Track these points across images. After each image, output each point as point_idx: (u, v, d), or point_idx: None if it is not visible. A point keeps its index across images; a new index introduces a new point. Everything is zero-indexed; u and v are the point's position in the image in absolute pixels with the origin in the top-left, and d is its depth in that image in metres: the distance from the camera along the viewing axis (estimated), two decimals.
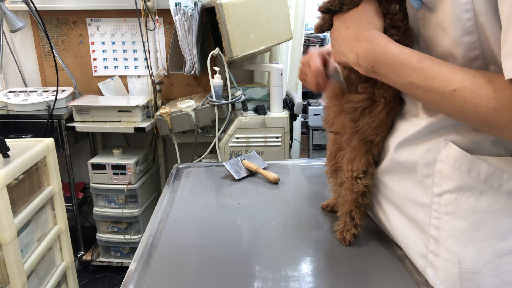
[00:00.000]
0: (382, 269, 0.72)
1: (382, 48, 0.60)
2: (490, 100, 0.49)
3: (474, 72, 0.52)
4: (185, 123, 1.88)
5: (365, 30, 0.63)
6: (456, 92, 0.52)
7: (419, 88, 0.56)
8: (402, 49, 0.59)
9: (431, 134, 0.64)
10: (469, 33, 0.53)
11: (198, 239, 0.84)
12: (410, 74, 0.57)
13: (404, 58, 0.58)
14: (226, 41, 1.70)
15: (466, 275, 0.59)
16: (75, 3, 2.15)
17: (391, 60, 0.59)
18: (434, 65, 0.55)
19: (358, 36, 0.63)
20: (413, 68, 0.57)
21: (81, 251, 2.24)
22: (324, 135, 2.50)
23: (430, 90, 0.55)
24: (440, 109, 0.56)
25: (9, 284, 1.21)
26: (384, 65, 0.60)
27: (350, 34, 0.64)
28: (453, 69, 0.54)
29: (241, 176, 1.14)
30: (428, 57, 0.57)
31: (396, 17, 0.63)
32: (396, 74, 0.58)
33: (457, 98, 0.52)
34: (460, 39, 0.54)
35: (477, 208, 0.58)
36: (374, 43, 0.61)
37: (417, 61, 0.57)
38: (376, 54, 0.60)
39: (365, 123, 0.72)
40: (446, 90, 0.53)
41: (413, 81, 0.57)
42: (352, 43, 0.64)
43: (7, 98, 2.05)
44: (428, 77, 0.55)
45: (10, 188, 1.21)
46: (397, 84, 0.60)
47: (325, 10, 0.69)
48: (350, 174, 0.76)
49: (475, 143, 0.59)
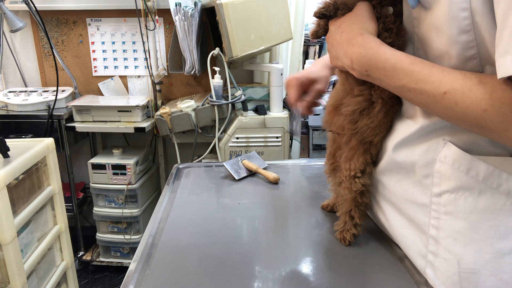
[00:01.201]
0: (382, 269, 0.73)
1: (374, 52, 0.61)
2: (480, 101, 0.49)
3: (464, 74, 0.52)
4: (185, 123, 1.88)
5: (358, 35, 0.64)
6: (446, 95, 0.52)
7: (411, 91, 0.57)
8: (394, 52, 0.60)
9: (429, 134, 0.64)
10: (465, 32, 0.53)
11: (198, 239, 0.84)
12: (402, 78, 0.57)
13: (396, 62, 0.58)
14: (226, 41, 1.70)
15: (465, 275, 0.59)
16: (75, 3, 2.15)
17: (383, 64, 0.59)
18: (425, 68, 0.56)
19: (352, 40, 0.64)
20: (404, 71, 0.57)
21: (81, 251, 2.24)
22: (324, 135, 2.50)
23: (421, 93, 0.55)
24: (433, 111, 0.57)
25: (9, 284, 1.21)
26: (377, 69, 0.60)
27: (345, 39, 0.65)
28: (443, 72, 0.54)
29: (241, 176, 1.14)
30: (420, 60, 0.57)
31: (387, 19, 0.64)
32: (389, 77, 0.59)
33: (448, 100, 0.52)
34: (456, 38, 0.54)
35: (476, 208, 0.58)
36: (367, 47, 0.62)
37: (408, 65, 0.57)
38: (369, 58, 0.61)
39: (364, 124, 0.72)
40: (437, 93, 0.53)
41: (405, 84, 0.57)
42: (346, 48, 0.65)
43: (7, 98, 2.05)
44: (419, 80, 0.55)
45: (10, 188, 1.21)
46: (391, 87, 0.60)
47: (320, 16, 0.71)
48: (348, 173, 0.77)
49: (474, 143, 0.59)
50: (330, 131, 0.83)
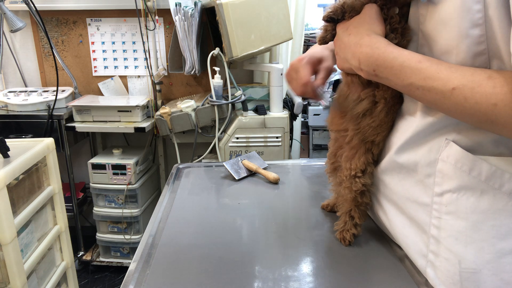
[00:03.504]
0: (382, 269, 0.72)
1: (382, 52, 0.61)
2: (490, 96, 0.49)
3: (473, 70, 0.52)
4: (185, 123, 1.88)
5: (365, 36, 0.64)
6: (455, 91, 0.52)
7: (419, 89, 0.56)
8: (401, 51, 0.60)
9: (432, 134, 0.64)
10: (477, 25, 0.53)
11: (198, 239, 0.83)
12: (410, 76, 0.57)
13: (404, 60, 0.58)
14: (226, 41, 1.70)
15: (466, 275, 0.59)
16: (75, 3, 2.15)
17: (390, 63, 0.59)
18: (432, 65, 0.55)
19: (359, 42, 0.64)
20: (412, 69, 0.57)
21: (81, 251, 2.24)
22: (324, 135, 2.50)
23: (430, 90, 0.55)
24: (441, 109, 0.56)
25: (9, 284, 1.21)
26: (385, 68, 0.60)
27: (352, 41, 0.66)
28: (451, 68, 0.54)
29: (241, 176, 1.14)
30: (427, 58, 0.57)
31: (393, 20, 0.65)
32: (397, 76, 0.59)
33: (457, 96, 0.52)
34: (468, 31, 0.53)
35: (478, 208, 0.58)
36: (374, 47, 0.62)
37: (416, 63, 0.57)
38: (377, 57, 0.61)
39: (366, 124, 0.73)
40: (446, 89, 0.53)
41: (413, 82, 0.57)
42: (354, 49, 0.65)
43: (7, 98, 2.05)
44: (427, 77, 0.55)
45: (10, 188, 1.21)
46: (399, 86, 0.60)
47: (329, 19, 0.71)
48: (349, 172, 0.77)
49: (477, 143, 0.59)
50: (332, 131, 0.84)
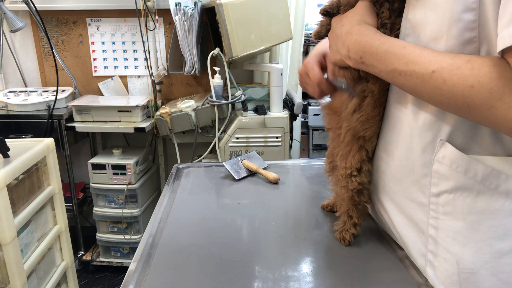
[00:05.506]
0: (382, 269, 0.73)
1: (369, 39, 0.62)
2: (468, 78, 0.50)
3: (454, 55, 0.53)
4: (185, 123, 1.88)
5: (356, 25, 0.66)
6: (435, 74, 0.53)
7: (401, 74, 0.57)
8: (388, 38, 0.61)
9: (425, 133, 0.63)
10: (470, 10, 0.53)
11: (198, 239, 0.84)
12: (393, 61, 0.58)
13: (389, 46, 0.59)
14: (226, 41, 1.70)
15: (465, 275, 0.59)
16: (75, 3, 2.15)
17: (376, 49, 0.61)
18: (416, 50, 0.56)
19: (350, 30, 0.66)
20: (396, 54, 0.58)
21: (81, 251, 2.24)
22: (324, 135, 2.50)
23: (411, 75, 0.56)
24: (421, 94, 0.57)
25: (9, 284, 1.21)
26: (371, 54, 0.61)
27: (344, 30, 0.67)
28: (433, 53, 0.55)
29: (241, 176, 1.15)
30: (412, 44, 0.58)
31: (383, 15, 0.67)
32: (381, 62, 0.60)
33: (436, 79, 0.53)
34: (460, 15, 0.53)
35: (475, 208, 0.58)
36: (363, 34, 0.63)
37: (400, 48, 0.58)
38: (364, 44, 0.62)
39: (355, 119, 0.74)
40: (426, 73, 0.54)
41: (396, 67, 0.58)
42: (345, 38, 0.66)
43: (7, 98, 2.05)
44: (409, 62, 0.56)
45: (10, 188, 1.21)
46: (383, 72, 0.61)
47: (324, 13, 0.74)
48: (344, 171, 0.77)
49: (471, 142, 0.59)
50: (330, 130, 0.84)
